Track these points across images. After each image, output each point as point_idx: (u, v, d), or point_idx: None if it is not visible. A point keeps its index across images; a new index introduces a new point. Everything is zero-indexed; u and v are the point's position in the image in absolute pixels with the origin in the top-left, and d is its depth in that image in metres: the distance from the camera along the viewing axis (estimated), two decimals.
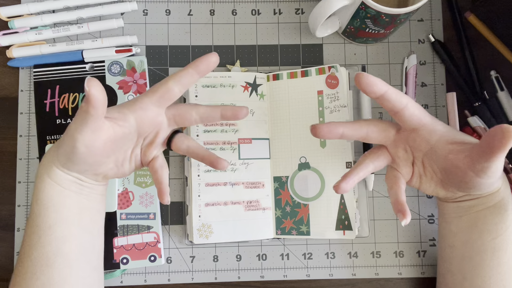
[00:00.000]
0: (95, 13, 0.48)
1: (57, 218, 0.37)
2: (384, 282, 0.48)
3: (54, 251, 0.37)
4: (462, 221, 0.40)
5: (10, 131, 0.48)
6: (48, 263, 0.36)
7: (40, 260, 0.36)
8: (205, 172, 0.46)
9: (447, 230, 0.41)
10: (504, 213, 0.37)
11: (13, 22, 0.48)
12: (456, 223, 0.40)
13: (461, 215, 0.40)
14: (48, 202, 0.37)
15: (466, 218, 0.39)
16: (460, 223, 0.40)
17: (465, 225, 0.39)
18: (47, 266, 0.36)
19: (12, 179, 0.48)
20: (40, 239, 0.37)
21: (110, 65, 0.48)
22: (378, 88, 0.36)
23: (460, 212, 0.40)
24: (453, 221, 0.40)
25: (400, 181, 0.39)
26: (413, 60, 0.49)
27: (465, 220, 0.39)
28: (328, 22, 0.47)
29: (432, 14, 0.51)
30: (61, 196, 0.37)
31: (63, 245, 0.37)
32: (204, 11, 0.50)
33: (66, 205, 0.38)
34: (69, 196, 0.38)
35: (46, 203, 0.37)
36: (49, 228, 0.37)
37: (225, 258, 0.48)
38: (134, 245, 0.46)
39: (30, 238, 0.37)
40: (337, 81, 0.47)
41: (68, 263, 0.37)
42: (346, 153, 0.47)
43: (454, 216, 0.40)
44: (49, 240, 0.37)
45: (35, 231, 0.37)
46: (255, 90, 0.48)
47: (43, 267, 0.36)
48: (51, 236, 0.37)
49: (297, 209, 0.47)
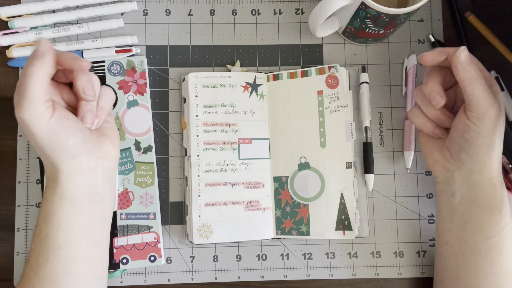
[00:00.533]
0: (95, 13, 0.48)
1: (68, 239, 0.36)
2: (384, 282, 0.48)
3: (64, 270, 0.36)
4: (456, 217, 0.40)
5: (10, 131, 0.48)
6: (56, 281, 0.36)
7: (48, 279, 0.36)
8: (205, 172, 0.47)
9: (442, 225, 0.41)
10: (497, 215, 0.37)
11: (13, 22, 0.48)
12: (450, 219, 0.40)
13: (455, 208, 0.40)
14: (59, 223, 0.36)
15: (459, 213, 0.39)
16: (454, 219, 0.40)
17: (459, 221, 0.39)
18: (55, 284, 0.36)
19: (12, 179, 0.48)
20: (48, 259, 0.36)
21: (110, 65, 0.48)
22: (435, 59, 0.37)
23: (453, 204, 0.40)
24: (448, 216, 0.41)
25: None
26: (413, 60, 0.49)
27: (458, 215, 0.39)
28: (328, 22, 0.47)
29: (432, 14, 0.51)
30: (72, 215, 0.37)
31: (73, 264, 0.36)
32: (204, 11, 0.50)
33: (78, 223, 0.37)
34: (81, 212, 0.37)
35: (57, 225, 0.36)
36: (58, 248, 0.36)
37: (225, 258, 0.48)
38: (134, 245, 0.46)
39: (37, 256, 0.36)
40: (337, 81, 0.47)
41: (76, 280, 0.37)
42: (346, 153, 0.47)
43: (449, 209, 0.40)
44: (58, 260, 0.36)
45: (43, 251, 0.36)
46: (255, 90, 0.48)
47: (51, 284, 0.36)
48: (61, 256, 0.36)
49: (297, 209, 0.47)
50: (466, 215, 0.39)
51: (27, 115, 0.33)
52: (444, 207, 0.41)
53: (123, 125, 0.47)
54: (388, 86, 0.50)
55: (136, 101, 0.48)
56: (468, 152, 0.37)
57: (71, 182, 0.37)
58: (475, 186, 0.38)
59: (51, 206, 0.37)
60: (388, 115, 0.50)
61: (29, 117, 0.33)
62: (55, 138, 0.34)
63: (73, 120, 0.36)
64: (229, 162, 0.47)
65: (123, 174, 0.47)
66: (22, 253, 0.47)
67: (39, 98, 0.33)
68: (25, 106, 0.33)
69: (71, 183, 0.37)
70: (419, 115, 0.41)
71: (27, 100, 0.33)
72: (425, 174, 0.49)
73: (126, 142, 0.47)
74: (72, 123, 0.36)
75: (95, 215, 0.38)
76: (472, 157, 0.37)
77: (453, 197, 0.40)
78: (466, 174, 0.39)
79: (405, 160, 0.49)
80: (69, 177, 0.37)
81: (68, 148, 0.35)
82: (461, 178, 0.39)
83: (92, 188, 0.38)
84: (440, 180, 0.41)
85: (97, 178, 0.39)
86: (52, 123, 0.34)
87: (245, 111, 0.48)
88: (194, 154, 0.47)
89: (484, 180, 0.38)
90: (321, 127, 0.47)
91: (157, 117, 0.49)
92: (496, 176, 0.38)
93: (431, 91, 0.37)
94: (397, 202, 0.49)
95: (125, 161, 0.47)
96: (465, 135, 0.37)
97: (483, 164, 0.37)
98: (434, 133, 0.41)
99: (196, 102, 0.47)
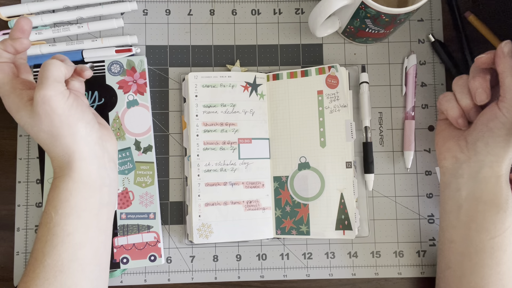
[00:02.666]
0: (95, 13, 0.48)
1: (77, 224, 0.37)
2: (384, 282, 0.48)
3: (70, 257, 0.37)
4: (461, 214, 0.40)
5: (10, 131, 0.48)
6: (62, 269, 0.36)
7: (54, 267, 0.36)
8: (205, 172, 0.47)
9: (447, 222, 0.41)
10: (503, 214, 0.38)
11: (13, 22, 0.48)
12: (456, 215, 0.40)
13: (460, 204, 0.40)
14: (71, 209, 0.37)
15: (465, 210, 0.39)
16: (459, 216, 0.40)
17: (464, 218, 0.40)
18: (61, 272, 0.36)
19: (12, 179, 0.48)
20: (56, 247, 0.37)
21: (110, 65, 0.48)
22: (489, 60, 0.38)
23: (459, 200, 0.40)
24: (453, 212, 0.41)
25: None
26: (413, 60, 0.49)
27: (464, 213, 0.40)
28: (328, 22, 0.47)
29: (432, 14, 0.51)
30: (84, 199, 0.38)
31: (79, 251, 0.37)
32: (204, 11, 0.50)
33: (88, 207, 0.38)
34: (93, 194, 0.39)
35: (68, 211, 0.37)
36: (67, 235, 0.37)
37: (225, 258, 0.48)
38: (134, 245, 0.46)
39: (44, 245, 0.37)
40: (337, 81, 0.47)
41: (81, 268, 0.37)
42: (346, 153, 0.47)
43: (454, 206, 0.40)
44: (66, 248, 0.37)
45: (51, 239, 0.37)
46: (255, 90, 0.48)
47: (56, 273, 0.36)
48: (69, 244, 0.37)
49: (297, 209, 0.47)
50: (472, 212, 0.39)
51: (52, 91, 0.36)
52: (448, 203, 0.41)
53: (123, 125, 0.47)
54: (388, 86, 0.50)
55: (136, 101, 0.48)
56: (486, 142, 0.38)
57: (85, 164, 0.39)
58: (482, 182, 0.39)
59: (64, 193, 0.38)
60: (388, 115, 0.50)
61: (53, 93, 0.36)
62: (74, 112, 0.38)
63: (82, 99, 0.41)
64: (229, 162, 0.47)
65: (123, 173, 0.47)
66: (22, 253, 0.47)
67: (60, 79, 0.38)
68: (49, 84, 0.36)
69: (86, 165, 0.39)
70: (451, 100, 0.41)
71: (51, 80, 0.37)
72: (425, 174, 0.49)
73: (126, 142, 0.47)
74: (83, 101, 0.41)
75: (104, 199, 0.40)
76: (488, 148, 0.38)
77: (458, 191, 0.40)
78: (475, 168, 0.39)
79: (405, 160, 0.49)
80: (84, 160, 0.38)
81: (83, 124, 0.39)
82: (469, 171, 0.39)
83: (102, 169, 0.40)
84: (447, 171, 0.42)
85: (105, 159, 0.41)
86: (70, 99, 0.38)
87: (245, 111, 0.48)
88: (194, 154, 0.47)
89: (492, 177, 0.38)
90: (321, 127, 0.47)
91: (157, 117, 0.49)
92: (504, 175, 0.38)
93: (479, 87, 0.38)
94: (397, 202, 0.49)
95: (125, 161, 0.47)
96: (490, 124, 0.37)
97: (496, 158, 0.38)
98: (458, 122, 0.41)
99: (196, 102, 0.47)
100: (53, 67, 0.37)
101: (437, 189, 0.49)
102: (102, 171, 0.40)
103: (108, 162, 0.41)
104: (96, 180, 0.39)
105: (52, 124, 0.37)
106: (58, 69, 0.38)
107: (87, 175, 0.39)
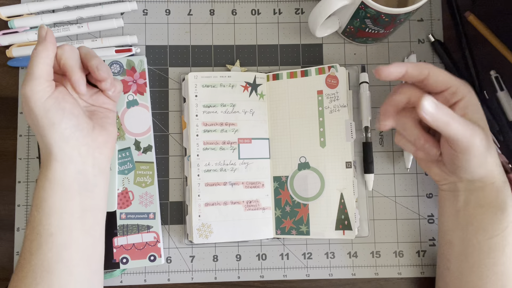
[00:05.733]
0: (95, 13, 0.48)
1: (59, 225, 0.37)
2: (384, 282, 0.48)
3: (55, 258, 0.36)
4: (460, 218, 0.40)
5: (10, 131, 0.48)
6: (48, 269, 0.36)
7: (41, 267, 0.36)
8: (205, 172, 0.47)
9: (446, 225, 0.42)
10: (500, 214, 0.38)
11: (13, 21, 0.48)
12: (454, 219, 0.40)
13: (458, 209, 0.40)
14: (50, 209, 0.37)
15: (463, 215, 0.40)
16: (458, 219, 0.40)
17: (462, 222, 0.40)
18: (48, 273, 0.36)
19: (12, 179, 0.48)
20: (41, 247, 0.36)
21: (110, 65, 0.48)
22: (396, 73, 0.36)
23: (457, 205, 0.40)
24: (451, 216, 0.41)
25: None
26: (413, 60, 0.49)
27: (462, 216, 0.40)
28: (328, 22, 0.47)
29: (432, 14, 0.51)
30: (63, 200, 0.37)
31: (64, 252, 0.37)
32: (204, 11, 0.50)
33: (69, 209, 0.37)
34: (72, 198, 0.38)
35: (48, 211, 0.37)
36: (50, 235, 0.37)
37: (225, 258, 0.48)
38: (134, 245, 0.46)
39: (30, 245, 0.37)
40: (337, 81, 0.47)
41: (68, 270, 0.37)
42: (346, 153, 0.47)
43: (452, 211, 0.41)
44: (50, 247, 0.36)
45: (36, 239, 0.37)
46: (255, 90, 0.48)
47: (43, 273, 0.36)
48: (52, 244, 0.36)
49: (296, 209, 0.47)
50: (469, 216, 0.39)
51: (28, 91, 0.36)
52: (447, 210, 0.41)
53: (123, 125, 0.47)
54: (388, 86, 0.50)
55: (136, 100, 0.48)
56: (464, 170, 0.37)
57: (60, 167, 0.38)
58: (478, 191, 0.39)
59: (42, 192, 0.37)
60: None
61: (29, 93, 0.36)
62: (49, 116, 0.36)
63: (71, 104, 0.38)
64: (229, 162, 0.47)
65: (123, 173, 0.47)
66: None
67: (40, 76, 0.36)
68: (27, 82, 0.36)
69: (61, 168, 0.38)
70: (401, 139, 0.41)
71: (30, 77, 0.36)
72: (425, 174, 0.49)
73: (126, 142, 0.47)
74: (69, 106, 0.38)
75: (87, 203, 0.39)
76: (468, 174, 0.38)
77: (456, 200, 0.40)
78: (467, 182, 0.39)
79: (405, 160, 0.49)
80: (59, 161, 0.37)
81: (60, 129, 0.37)
82: (463, 186, 0.39)
83: (81, 175, 0.39)
84: (443, 188, 0.42)
85: (87, 166, 0.39)
86: (49, 101, 0.36)
87: (245, 111, 0.48)
88: (194, 153, 0.47)
89: (486, 185, 0.38)
90: (321, 126, 0.47)
91: (157, 116, 0.49)
92: (498, 180, 0.38)
93: (381, 113, 0.38)
94: (397, 202, 0.49)
95: (125, 161, 0.47)
96: (455, 162, 0.37)
97: (484, 172, 0.38)
98: (419, 156, 0.41)
99: (196, 101, 0.47)
100: (38, 59, 0.36)
101: (436, 189, 0.49)
102: (81, 177, 0.38)
103: (91, 168, 0.39)
104: (72, 184, 0.38)
105: (32, 122, 0.37)
106: (43, 61, 0.36)
107: (62, 178, 0.37)
